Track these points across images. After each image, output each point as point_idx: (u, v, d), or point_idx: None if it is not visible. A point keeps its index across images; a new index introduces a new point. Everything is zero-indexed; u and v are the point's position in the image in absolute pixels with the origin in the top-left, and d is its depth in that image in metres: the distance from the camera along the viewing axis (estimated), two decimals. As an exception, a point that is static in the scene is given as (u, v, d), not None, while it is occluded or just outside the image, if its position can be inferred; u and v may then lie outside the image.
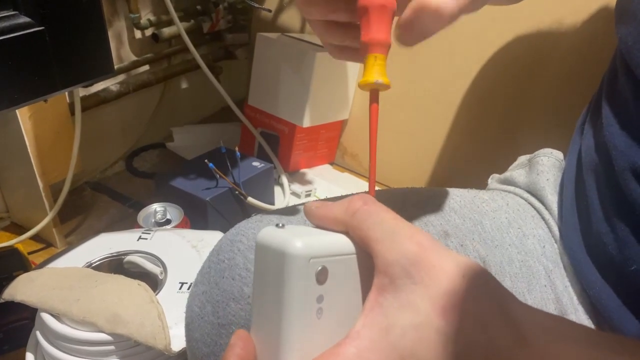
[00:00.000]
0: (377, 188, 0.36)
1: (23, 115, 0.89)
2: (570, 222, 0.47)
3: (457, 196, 0.49)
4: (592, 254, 0.45)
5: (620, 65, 0.44)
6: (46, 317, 0.62)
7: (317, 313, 0.28)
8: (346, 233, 0.31)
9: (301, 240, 0.28)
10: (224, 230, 0.61)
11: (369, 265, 0.30)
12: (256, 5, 1.10)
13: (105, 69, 0.61)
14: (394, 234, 0.29)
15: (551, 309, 0.46)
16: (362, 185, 1.16)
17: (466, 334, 0.27)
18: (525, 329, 0.28)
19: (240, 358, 0.29)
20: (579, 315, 0.46)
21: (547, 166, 0.52)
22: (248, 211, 0.97)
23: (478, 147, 0.99)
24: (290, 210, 0.47)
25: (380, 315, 0.28)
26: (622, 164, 0.40)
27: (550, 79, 0.88)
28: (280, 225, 0.30)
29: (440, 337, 0.27)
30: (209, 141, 1.23)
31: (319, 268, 0.28)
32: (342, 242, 0.30)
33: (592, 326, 0.46)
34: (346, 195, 0.33)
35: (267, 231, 0.29)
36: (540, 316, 0.29)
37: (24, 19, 0.51)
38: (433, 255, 0.28)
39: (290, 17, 1.20)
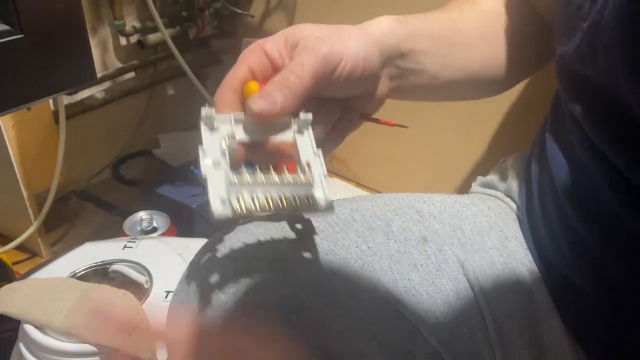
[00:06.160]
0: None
1: (6, 123, 0.88)
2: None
3: (437, 201, 0.49)
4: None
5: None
6: (29, 329, 0.61)
7: None
8: None
9: None
10: (210, 237, 0.61)
11: None
12: (239, 10, 1.10)
13: (87, 77, 0.60)
14: None
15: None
16: (351, 190, 1.15)
17: None
18: None
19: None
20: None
21: (519, 170, 0.53)
22: (235, 218, 0.96)
23: (465, 150, 0.99)
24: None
25: None
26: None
27: (537, 80, 0.88)
28: None
29: None
30: (196, 148, 1.22)
31: None
32: None
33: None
34: None
35: None
36: None
37: (2, 27, 0.50)
38: None
39: (277, 23, 1.20)
